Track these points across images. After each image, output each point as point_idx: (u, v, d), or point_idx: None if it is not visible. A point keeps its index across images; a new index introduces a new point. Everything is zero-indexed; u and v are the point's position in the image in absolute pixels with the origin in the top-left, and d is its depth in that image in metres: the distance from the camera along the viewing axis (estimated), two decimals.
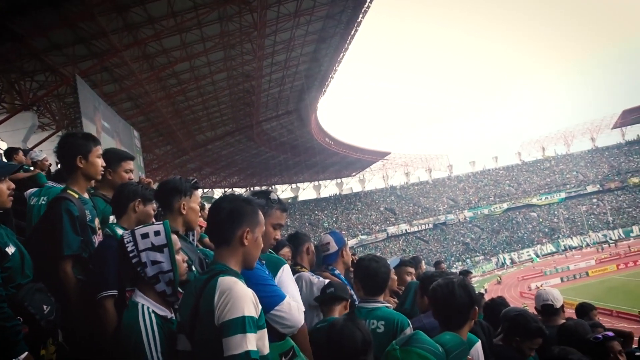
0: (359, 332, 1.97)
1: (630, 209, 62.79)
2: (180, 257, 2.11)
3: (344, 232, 58.62)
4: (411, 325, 2.66)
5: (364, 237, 61.08)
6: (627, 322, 24.63)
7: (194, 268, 2.51)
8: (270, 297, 2.21)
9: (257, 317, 1.71)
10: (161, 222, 2.14)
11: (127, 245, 2.03)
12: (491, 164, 78.63)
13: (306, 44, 26.74)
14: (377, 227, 63.73)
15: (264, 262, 2.47)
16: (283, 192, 65.88)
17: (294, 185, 67.88)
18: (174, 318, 2.04)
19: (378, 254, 3.21)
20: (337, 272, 3.41)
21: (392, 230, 63.28)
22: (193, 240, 3.00)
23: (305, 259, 3.51)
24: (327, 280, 3.13)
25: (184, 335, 1.82)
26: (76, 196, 2.70)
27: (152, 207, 2.88)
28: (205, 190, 48.34)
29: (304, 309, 2.49)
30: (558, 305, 3.78)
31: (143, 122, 26.18)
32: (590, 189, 67.21)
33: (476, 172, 77.07)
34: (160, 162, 33.84)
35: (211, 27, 20.30)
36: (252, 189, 60.57)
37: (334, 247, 3.49)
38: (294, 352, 2.22)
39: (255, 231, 1.94)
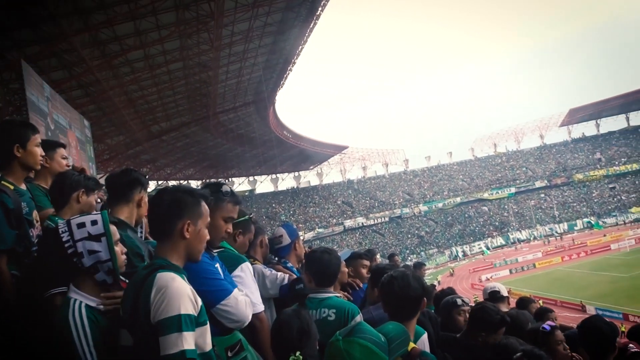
0: (297, 321, 1.98)
1: (575, 204, 65.94)
2: (119, 248, 2.04)
3: (301, 225, 58.82)
4: (361, 314, 2.69)
5: (321, 230, 61.40)
6: (570, 311, 25.91)
7: (147, 260, 2.45)
8: (216, 292, 2.19)
9: (195, 315, 1.68)
10: (99, 212, 2.07)
11: (62, 235, 1.95)
12: (446, 159, 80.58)
13: (265, 35, 26.44)
14: (334, 220, 64.19)
15: (216, 254, 2.45)
16: (240, 184, 65.34)
17: (251, 178, 67.31)
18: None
19: (330, 246, 3.22)
20: (289, 264, 3.40)
21: (349, 223, 63.88)
22: (142, 232, 2.93)
23: (259, 252, 3.48)
24: (279, 273, 3.12)
25: (126, 330, 1.77)
26: (11, 187, 2.54)
27: (94, 198, 2.77)
28: (160, 182, 47.27)
29: (262, 308, 2.48)
30: (504, 293, 4.10)
31: (94, 111, 25.29)
32: (538, 184, 70.15)
33: (431, 166, 78.76)
34: (112, 153, 32.83)
35: (167, 15, 19.79)
36: (207, 181, 59.69)
37: (286, 240, 3.48)
38: (241, 345, 2.21)
39: (198, 223, 1.89)
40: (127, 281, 2.00)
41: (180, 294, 1.65)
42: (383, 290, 2.43)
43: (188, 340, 1.60)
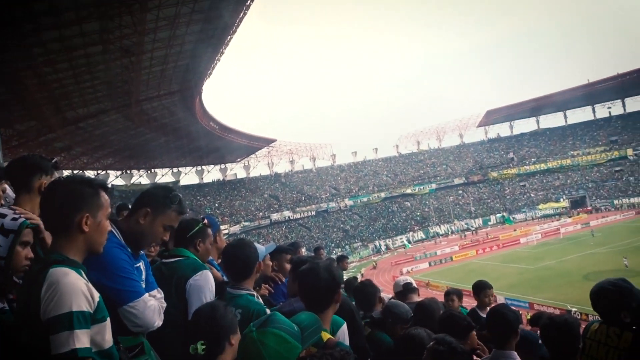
0: (209, 310, 1.97)
1: (489, 200, 70.17)
2: (26, 251, 1.90)
3: (226, 219, 58.01)
4: (269, 313, 2.67)
5: (247, 223, 60.84)
6: None
7: None
8: (125, 292, 2.12)
9: (91, 311, 1.60)
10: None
11: None
12: (371, 155, 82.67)
13: (192, 22, 25.61)
14: (261, 213, 63.85)
15: (142, 253, 2.39)
16: (164, 175, 63.16)
17: (175, 169, 65.18)
18: (6, 308, 1.86)
19: (245, 238, 3.19)
20: (210, 257, 3.31)
21: (275, 217, 63.82)
22: None
23: None
24: None
25: (22, 329, 1.65)
26: None
27: (0, 187, 2.56)
28: (76, 171, 44.65)
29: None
30: (415, 284, 4.50)
31: (3, 94, 23.45)
32: (457, 181, 73.98)
33: (357, 162, 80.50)
34: (22, 139, 30.56)
35: None
36: (129, 171, 57.31)
37: None
38: (142, 348, 2.17)
39: (98, 215, 1.79)
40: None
41: (72, 289, 1.56)
42: (298, 283, 2.47)
43: (80, 339, 1.53)
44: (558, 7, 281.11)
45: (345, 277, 6.74)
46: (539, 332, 3.26)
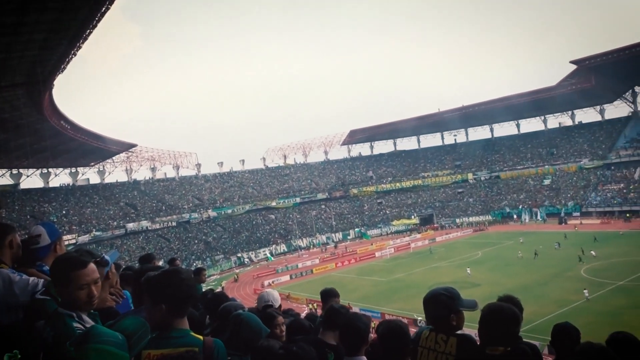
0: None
1: (350, 215, 73.82)
2: None
3: (74, 227, 53.43)
4: None
5: (98, 233, 56.13)
6: None
7: None
8: None
9: None
10: None
11: None
12: (238, 166, 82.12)
13: (46, 10, 23.18)
14: (115, 222, 59.52)
15: None
16: (1, 177, 55.97)
17: (15, 171, 57.99)
18: None
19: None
20: (46, 268, 2.93)
21: (131, 226, 59.96)
22: None
23: (8, 253, 2.95)
24: (31, 278, 2.67)
25: None
26: None
27: None
28: None
29: None
30: (277, 305, 4.37)
31: None
32: (320, 196, 76.77)
33: (223, 173, 79.44)
34: None
35: None
36: None
37: (45, 240, 3.00)
38: None
39: None
40: None
41: None
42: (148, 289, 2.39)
43: None
44: (422, 35, 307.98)
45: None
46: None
